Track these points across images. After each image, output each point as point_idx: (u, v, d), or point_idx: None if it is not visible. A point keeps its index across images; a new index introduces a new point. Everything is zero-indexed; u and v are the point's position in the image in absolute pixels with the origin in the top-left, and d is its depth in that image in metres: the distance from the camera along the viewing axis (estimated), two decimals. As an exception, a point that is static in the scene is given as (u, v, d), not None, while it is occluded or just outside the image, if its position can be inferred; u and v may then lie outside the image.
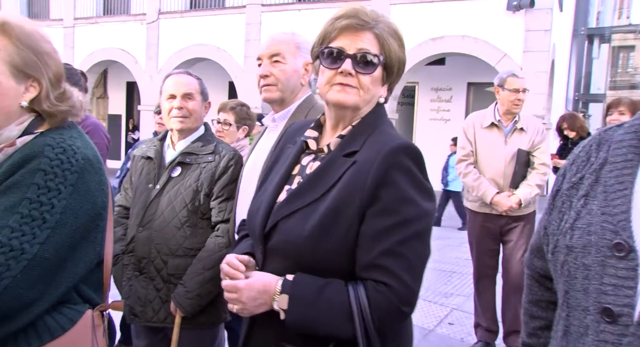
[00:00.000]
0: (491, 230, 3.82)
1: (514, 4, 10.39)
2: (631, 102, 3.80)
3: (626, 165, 1.05)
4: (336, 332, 1.24)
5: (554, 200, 1.18)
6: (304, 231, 1.27)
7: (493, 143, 3.75)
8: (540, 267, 1.27)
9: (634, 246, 0.96)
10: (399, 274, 1.23)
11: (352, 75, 1.34)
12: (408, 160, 1.29)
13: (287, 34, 2.13)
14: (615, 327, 0.95)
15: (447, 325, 4.52)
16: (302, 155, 1.47)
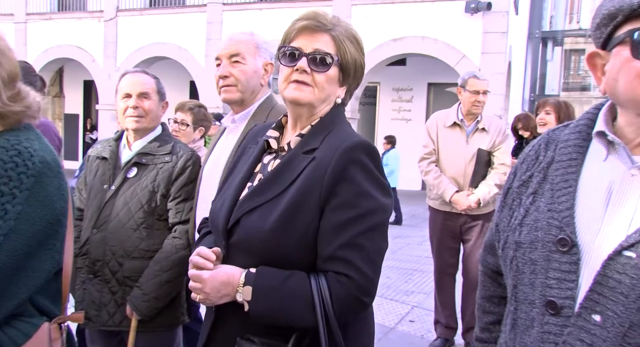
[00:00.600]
0: (451, 228, 3.89)
1: (471, 7, 10.62)
2: (556, 102, 3.97)
3: (571, 163, 1.08)
4: (299, 322, 1.29)
5: (505, 198, 1.21)
6: (266, 225, 1.31)
7: (454, 142, 3.81)
8: (492, 263, 1.30)
9: (576, 241, 1.00)
10: (358, 265, 1.28)
11: (307, 73, 1.39)
12: (365, 157, 1.34)
13: (246, 34, 2.11)
14: (558, 318, 0.99)
15: (407, 322, 4.58)
16: (264, 154, 1.52)
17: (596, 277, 0.95)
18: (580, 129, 1.12)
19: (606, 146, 1.04)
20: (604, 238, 0.98)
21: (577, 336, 0.96)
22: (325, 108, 1.45)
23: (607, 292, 0.93)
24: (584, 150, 1.10)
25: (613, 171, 1.02)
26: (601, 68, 1.05)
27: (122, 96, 2.26)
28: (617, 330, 0.91)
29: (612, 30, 0.99)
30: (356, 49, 1.45)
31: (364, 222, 1.30)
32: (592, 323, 0.94)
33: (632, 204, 0.98)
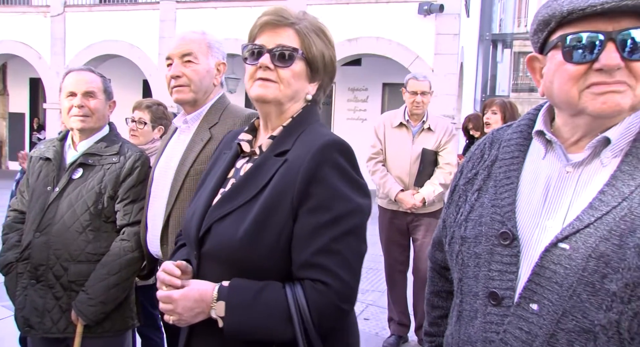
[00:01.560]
0: (399, 226, 3.95)
1: (424, 8, 10.81)
2: (502, 102, 4.10)
3: (513, 161, 1.13)
4: (276, 336, 1.22)
5: (452, 195, 1.25)
6: (237, 233, 1.24)
7: (401, 142, 3.88)
8: (441, 259, 1.34)
9: (517, 234, 1.04)
10: (336, 271, 1.21)
11: (271, 69, 1.34)
12: (338, 156, 1.28)
13: (198, 34, 2.09)
14: (499, 309, 1.03)
15: (362, 320, 4.62)
16: (238, 158, 1.46)
17: (534, 269, 0.99)
18: (521, 128, 1.17)
19: (545, 145, 1.09)
20: (542, 231, 1.02)
21: (516, 325, 1.00)
22: (295, 106, 1.40)
23: (543, 282, 0.98)
24: (525, 148, 1.14)
25: (551, 168, 1.07)
26: (539, 71, 1.10)
27: (66, 95, 2.19)
28: (552, 317, 0.96)
29: (547, 36, 1.04)
30: (323, 42, 1.39)
31: (340, 226, 1.23)
32: (529, 312, 0.98)
33: (567, 199, 1.02)
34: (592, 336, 0.93)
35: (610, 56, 0.95)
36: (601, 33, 0.96)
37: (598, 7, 0.94)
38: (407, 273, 4.09)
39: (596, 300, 0.92)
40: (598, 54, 0.96)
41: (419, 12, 10.95)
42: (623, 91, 0.96)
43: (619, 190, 0.96)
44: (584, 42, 0.97)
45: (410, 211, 3.81)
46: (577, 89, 0.99)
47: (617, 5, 0.93)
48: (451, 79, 10.89)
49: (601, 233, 0.94)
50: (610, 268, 0.91)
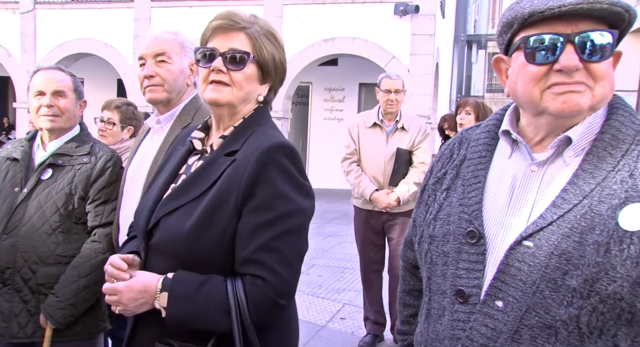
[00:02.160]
0: (374, 226, 3.97)
1: (400, 9, 10.87)
2: (476, 103, 4.16)
3: (481, 161, 1.15)
4: (214, 327, 1.28)
5: (422, 194, 1.27)
6: (184, 228, 1.30)
7: (375, 142, 3.90)
8: (412, 258, 1.35)
9: (483, 233, 1.06)
10: (275, 267, 1.28)
11: (223, 72, 1.38)
12: (283, 158, 1.33)
13: (171, 33, 2.08)
14: (466, 306, 1.05)
15: (339, 320, 4.63)
16: (190, 155, 1.50)
17: (499, 266, 1.01)
18: (489, 128, 1.19)
19: (511, 144, 1.11)
20: (508, 230, 1.04)
21: (482, 322, 1.02)
22: (247, 107, 1.45)
23: (508, 280, 1.00)
24: (493, 148, 1.17)
25: (516, 167, 1.09)
26: (505, 72, 1.12)
27: (34, 94, 2.15)
28: (516, 314, 0.98)
29: (511, 37, 1.07)
30: (274, 45, 1.44)
31: (281, 225, 1.30)
32: (495, 309, 1.00)
33: (531, 198, 1.05)
34: (553, 331, 0.95)
35: (569, 57, 0.98)
36: (560, 35, 0.99)
37: (556, 10, 0.97)
38: (382, 272, 4.12)
39: (558, 296, 0.94)
40: (558, 56, 0.99)
41: (395, 12, 11.01)
42: (582, 91, 0.99)
43: (581, 188, 0.99)
44: (545, 43, 1.00)
45: (385, 210, 3.83)
46: (539, 89, 1.02)
47: (573, 9, 0.96)
48: (427, 79, 10.98)
49: (563, 231, 0.96)
50: (571, 265, 0.94)
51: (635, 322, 0.94)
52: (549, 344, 0.95)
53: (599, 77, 0.99)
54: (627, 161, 0.99)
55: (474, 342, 1.02)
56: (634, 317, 0.93)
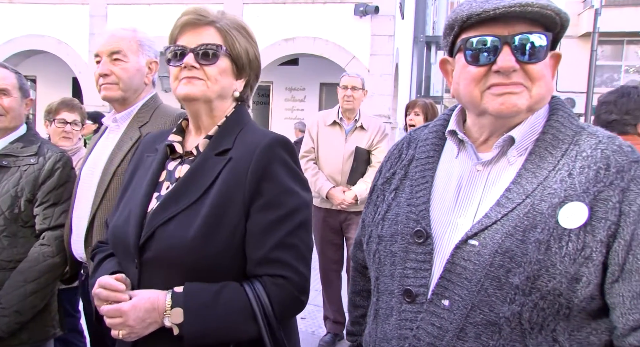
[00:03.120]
0: (332, 225, 3.98)
1: (360, 10, 10.95)
2: (424, 104, 4.23)
3: (428, 161, 1.16)
4: (240, 335, 1.23)
5: (371, 195, 1.27)
6: (188, 234, 1.23)
7: (334, 140, 3.92)
8: (361, 258, 1.36)
9: (430, 232, 1.07)
10: (294, 264, 1.26)
11: (196, 69, 1.34)
12: (284, 153, 1.32)
13: (128, 31, 2.03)
14: (413, 306, 1.06)
15: (299, 319, 4.61)
16: (167, 161, 1.43)
17: (445, 265, 1.03)
18: (437, 129, 1.21)
19: (457, 144, 1.13)
20: (454, 229, 1.06)
21: (429, 321, 1.03)
22: (224, 104, 1.41)
23: (454, 279, 1.01)
24: (440, 148, 1.18)
25: (462, 167, 1.11)
26: (451, 73, 1.14)
27: (-23, 92, 2.06)
28: (462, 312, 0.99)
29: (454, 39, 1.09)
30: (246, 39, 1.41)
31: (292, 220, 1.28)
32: (441, 308, 1.02)
33: (477, 197, 1.07)
34: (497, 328, 0.97)
35: (505, 59, 1.00)
36: (498, 37, 1.02)
37: (491, 12, 1.00)
38: (341, 272, 4.13)
39: (501, 293, 0.96)
40: (496, 57, 1.01)
41: (355, 13, 11.08)
42: (519, 92, 1.02)
43: (524, 187, 1.01)
44: (483, 45, 1.03)
45: (340, 207, 3.84)
46: (479, 90, 1.05)
47: (507, 11, 0.99)
48: (387, 80, 11.09)
49: (507, 229, 0.98)
50: (514, 262, 0.96)
51: (572, 317, 0.97)
52: (493, 340, 0.97)
53: (536, 78, 1.02)
54: (567, 161, 1.02)
55: (421, 342, 1.03)
56: (571, 312, 0.97)
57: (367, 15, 11.05)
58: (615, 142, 1.03)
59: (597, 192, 0.97)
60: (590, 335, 1.00)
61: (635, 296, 0.95)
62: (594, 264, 0.95)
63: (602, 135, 1.05)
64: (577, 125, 1.07)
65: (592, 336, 1.00)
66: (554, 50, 1.07)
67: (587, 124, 1.10)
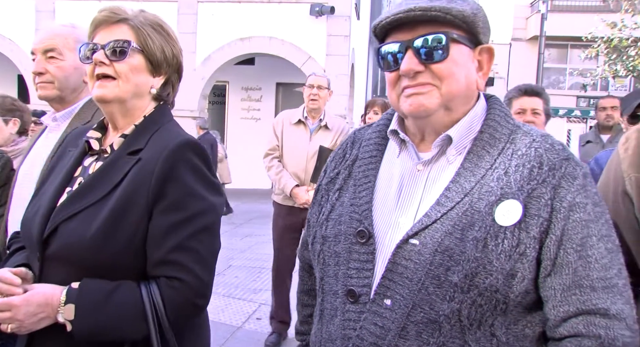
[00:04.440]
0: (293, 223, 3.97)
1: (316, 10, 10.98)
2: (383, 103, 4.26)
3: (371, 160, 1.17)
4: (130, 335, 1.23)
5: (316, 195, 1.27)
6: (88, 232, 1.23)
7: (298, 139, 3.95)
8: (308, 258, 1.36)
9: (372, 232, 1.08)
10: (191, 267, 1.25)
11: (106, 65, 1.33)
12: (193, 155, 1.31)
13: (67, 27, 1.96)
14: (356, 306, 1.06)
15: (255, 320, 4.60)
16: (85, 157, 1.42)
17: (387, 265, 1.03)
18: (380, 128, 1.22)
19: (399, 144, 1.15)
20: (396, 228, 1.07)
21: (371, 320, 1.03)
22: (141, 103, 1.40)
23: (396, 278, 1.02)
24: (383, 148, 1.20)
25: (404, 166, 1.13)
26: None
27: None
28: (403, 311, 1.00)
29: (381, 47, 1.12)
30: (162, 36, 1.41)
31: (195, 224, 1.27)
32: (383, 307, 1.03)
33: (418, 196, 1.08)
34: (437, 325, 0.99)
35: (407, 62, 1.04)
36: (400, 42, 1.06)
37: (392, 17, 1.05)
38: (293, 272, 4.13)
39: (441, 292, 0.98)
40: (400, 61, 1.05)
41: (311, 13, 11.10)
42: (426, 92, 1.05)
43: (462, 186, 1.03)
44: (389, 51, 1.07)
45: (303, 206, 3.85)
46: (395, 94, 1.09)
47: (407, 15, 1.03)
48: (343, 80, 11.15)
49: (446, 228, 1.00)
50: (453, 261, 0.98)
51: (509, 312, 1.00)
52: (434, 338, 0.99)
53: (443, 77, 1.05)
54: (503, 159, 1.05)
55: (364, 341, 1.03)
56: (508, 307, 1.00)
57: (323, 15, 11.08)
58: (548, 141, 1.06)
59: (531, 189, 1.00)
60: (525, 328, 1.03)
61: (565, 289, 0.99)
62: (528, 260, 0.98)
63: (536, 134, 1.08)
64: (513, 124, 1.10)
65: (527, 329, 1.03)
66: (482, 45, 1.10)
67: (522, 123, 1.13)
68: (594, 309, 0.98)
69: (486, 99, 1.17)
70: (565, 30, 20.37)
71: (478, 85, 1.10)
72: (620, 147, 1.31)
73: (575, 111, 22.53)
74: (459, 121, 1.09)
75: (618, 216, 1.26)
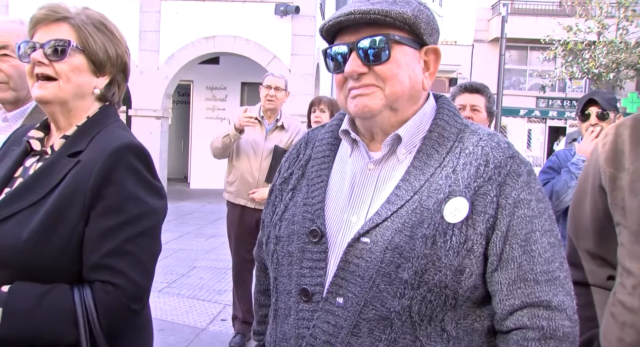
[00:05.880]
0: (248, 223, 3.95)
1: (281, 9, 10.97)
2: (329, 100, 4.25)
3: (324, 160, 1.18)
4: (59, 340, 1.19)
5: (270, 195, 1.27)
6: (23, 234, 1.20)
7: (253, 137, 3.92)
8: (264, 258, 1.35)
9: (325, 231, 1.09)
10: (126, 272, 1.23)
11: (46, 65, 1.30)
12: (133, 158, 1.29)
13: (16, 23, 1.89)
14: (309, 305, 1.07)
15: (219, 322, 4.57)
16: (27, 157, 1.38)
17: (339, 264, 1.05)
18: (333, 128, 1.24)
19: (350, 144, 1.16)
20: (348, 227, 1.08)
21: (324, 319, 1.04)
22: (83, 103, 1.36)
23: (348, 276, 1.03)
24: (336, 148, 1.21)
25: (355, 166, 1.14)
26: None
27: None
28: (355, 309, 1.02)
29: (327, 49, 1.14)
30: (105, 35, 1.38)
31: (133, 228, 1.25)
32: (335, 305, 1.04)
33: (369, 195, 1.10)
34: (388, 322, 1.00)
35: (350, 64, 1.07)
36: (345, 44, 1.08)
37: (334, 21, 1.07)
38: (253, 270, 4.12)
39: (392, 289, 1.00)
40: (345, 63, 1.07)
41: (276, 12, 11.08)
42: (370, 93, 1.07)
43: (412, 184, 1.06)
44: (335, 53, 1.10)
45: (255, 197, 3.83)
46: (343, 96, 1.11)
47: (348, 18, 1.05)
48: (308, 79, 11.18)
49: (396, 226, 1.02)
50: (403, 258, 1.00)
51: (458, 307, 1.03)
52: (385, 334, 1.00)
53: (386, 78, 1.07)
54: (451, 158, 1.08)
55: (317, 340, 1.04)
56: (457, 302, 1.02)
57: (288, 15, 11.08)
58: (494, 139, 1.10)
59: (478, 187, 1.03)
60: (474, 322, 1.06)
61: (511, 283, 1.02)
62: (475, 255, 1.01)
63: (482, 133, 1.11)
64: (461, 123, 1.13)
65: (476, 323, 1.06)
66: (427, 46, 1.12)
67: (470, 122, 1.16)
68: (537, 301, 1.02)
69: (436, 98, 1.20)
70: (525, 33, 20.92)
71: (424, 86, 1.12)
72: (600, 142, 1.33)
73: (535, 111, 23.16)
74: (407, 121, 1.11)
75: (596, 210, 1.31)
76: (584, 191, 1.36)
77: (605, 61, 15.98)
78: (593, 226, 1.32)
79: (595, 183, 1.31)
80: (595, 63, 16.02)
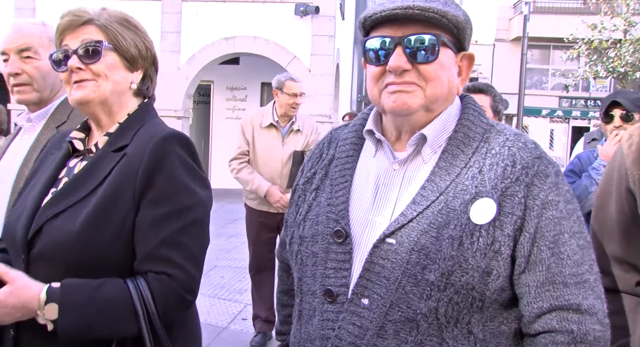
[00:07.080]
0: (269, 225, 3.95)
1: (300, 10, 10.97)
2: None
3: (348, 160, 1.18)
4: (120, 332, 1.21)
5: (293, 195, 1.27)
6: (74, 228, 1.21)
7: (270, 143, 3.87)
8: (287, 258, 1.35)
9: (349, 232, 1.08)
10: (180, 263, 1.23)
11: (83, 70, 1.31)
12: (180, 148, 1.30)
13: (38, 25, 1.92)
14: (334, 306, 1.06)
15: (240, 321, 4.59)
16: (70, 158, 1.40)
17: (364, 265, 1.04)
18: (356, 128, 1.23)
19: (375, 143, 1.15)
20: (372, 228, 1.07)
21: (349, 320, 1.03)
22: (122, 100, 1.38)
23: (373, 277, 1.02)
24: (360, 147, 1.20)
25: (380, 166, 1.13)
26: None
27: None
28: (381, 310, 1.01)
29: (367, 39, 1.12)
30: (131, 30, 1.39)
31: (185, 218, 1.25)
32: (361, 307, 1.03)
33: (394, 196, 1.09)
34: (415, 324, 0.99)
35: (395, 59, 1.04)
36: (391, 37, 1.05)
37: (388, 12, 1.04)
38: (274, 270, 4.12)
39: (418, 290, 0.99)
40: (389, 57, 1.05)
41: (296, 13, 11.09)
42: (411, 91, 1.06)
43: (437, 185, 1.04)
44: (378, 45, 1.07)
45: (277, 210, 3.81)
46: (377, 89, 1.08)
47: (405, 12, 1.02)
48: (327, 80, 11.17)
49: (422, 227, 1.01)
50: (430, 259, 0.99)
51: (485, 309, 1.02)
52: (411, 336, 0.99)
53: (429, 78, 1.05)
54: (477, 158, 1.06)
55: (342, 341, 1.03)
56: (484, 304, 1.01)
57: (308, 15, 11.08)
58: (521, 139, 1.08)
59: (505, 188, 1.01)
60: (501, 325, 1.04)
61: (539, 286, 1.01)
62: (502, 257, 0.99)
63: (509, 133, 1.10)
64: (486, 123, 1.12)
65: (503, 325, 1.04)
66: (464, 52, 1.11)
67: (495, 122, 1.15)
68: (567, 304, 1.00)
69: (460, 98, 1.18)
70: (548, 32, 20.60)
71: (458, 90, 1.12)
72: (624, 143, 1.29)
73: (557, 111, 22.81)
74: (433, 120, 1.10)
75: (622, 213, 1.26)
76: (608, 193, 1.31)
77: (632, 60, 15.65)
78: (619, 230, 1.28)
79: (621, 185, 1.26)
80: (621, 62, 15.70)
